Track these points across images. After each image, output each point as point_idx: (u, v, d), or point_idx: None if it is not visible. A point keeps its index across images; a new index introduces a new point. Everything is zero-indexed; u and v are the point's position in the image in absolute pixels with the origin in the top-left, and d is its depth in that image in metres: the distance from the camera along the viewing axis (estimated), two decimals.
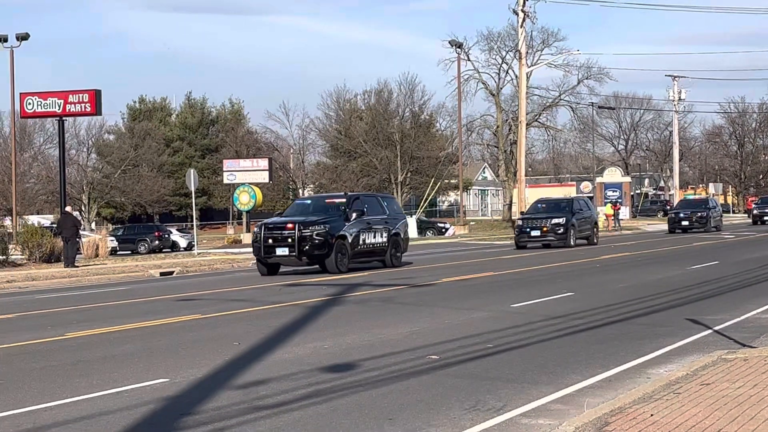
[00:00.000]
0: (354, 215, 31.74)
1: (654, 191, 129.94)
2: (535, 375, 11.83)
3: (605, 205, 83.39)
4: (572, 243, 44.22)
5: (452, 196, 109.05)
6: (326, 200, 34.23)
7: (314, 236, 30.46)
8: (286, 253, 30.63)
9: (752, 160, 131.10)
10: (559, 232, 44.27)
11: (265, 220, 33.08)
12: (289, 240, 30.54)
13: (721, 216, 65.67)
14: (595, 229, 48.07)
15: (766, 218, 75.22)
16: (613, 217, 73.44)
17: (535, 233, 44.46)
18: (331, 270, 30.44)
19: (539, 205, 48.12)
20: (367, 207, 32.89)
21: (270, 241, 30.85)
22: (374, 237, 32.63)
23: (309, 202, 35.21)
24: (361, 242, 31.92)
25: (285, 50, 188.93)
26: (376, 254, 33.06)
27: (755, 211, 78.23)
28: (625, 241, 50.74)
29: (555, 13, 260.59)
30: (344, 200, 32.79)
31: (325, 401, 10.37)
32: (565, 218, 44.60)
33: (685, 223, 61.81)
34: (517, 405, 10.07)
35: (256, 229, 32.41)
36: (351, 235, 31.44)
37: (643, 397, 9.83)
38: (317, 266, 31.25)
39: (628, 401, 9.65)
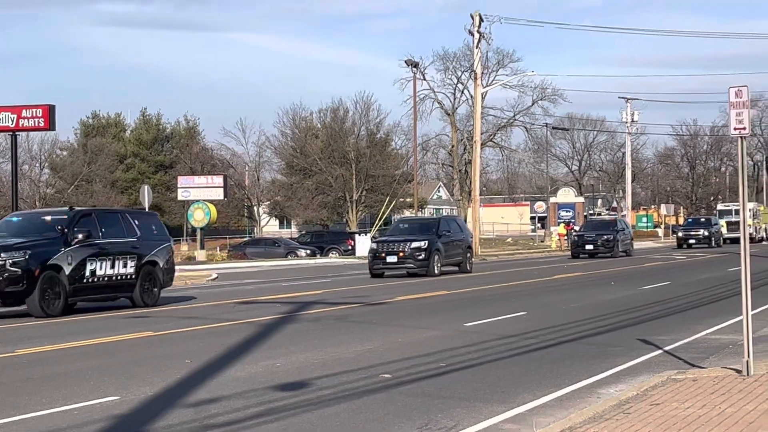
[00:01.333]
0: (78, 237, 23.81)
1: (607, 212, 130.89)
2: (488, 394, 11.87)
3: (558, 225, 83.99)
4: (436, 271, 37.76)
5: (407, 215, 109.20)
6: (42, 217, 25.69)
7: (8, 266, 22.53)
8: None
9: (703, 182, 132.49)
10: (420, 257, 37.59)
11: None
12: None
13: (632, 239, 60.07)
14: (468, 254, 41.03)
15: (692, 241, 71.14)
16: (566, 237, 73.93)
17: (391, 259, 37.84)
18: (34, 313, 22.76)
19: (401, 225, 42.64)
20: (104, 226, 24.99)
21: None
22: (113, 267, 24.79)
23: (17, 219, 26.04)
24: (88, 274, 23.98)
25: (242, 67, 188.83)
26: (118, 289, 25.24)
27: (680, 234, 74.01)
28: (578, 261, 51.04)
29: (510, 35, 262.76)
30: (65, 217, 24.51)
31: (277, 420, 10.34)
32: (427, 241, 37.91)
33: (589, 247, 55.49)
34: (469, 424, 10.10)
35: None
36: (70, 264, 23.55)
37: (594, 417, 9.90)
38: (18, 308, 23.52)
39: (578, 421, 9.72)
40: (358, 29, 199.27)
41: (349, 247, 70.12)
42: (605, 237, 55.49)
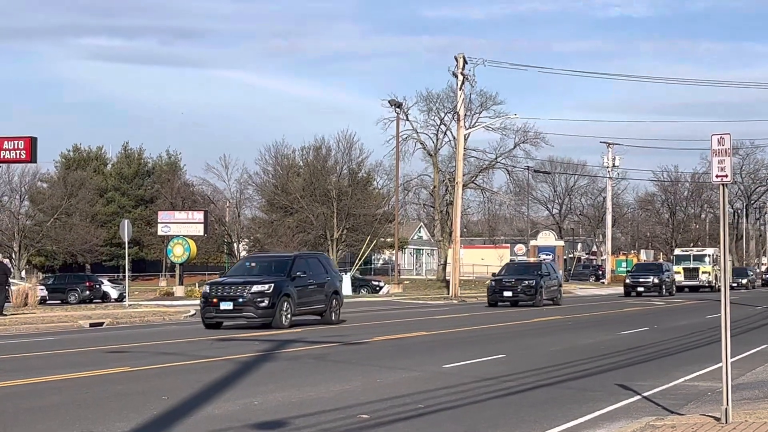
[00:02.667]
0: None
1: (587, 256, 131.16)
2: None
3: None
4: (284, 322, 30.45)
5: (387, 255, 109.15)
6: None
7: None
8: None
9: (683, 228, 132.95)
10: (262, 304, 30.28)
11: None
12: None
13: (560, 285, 53.36)
14: (335, 302, 33.57)
15: (640, 288, 65.58)
16: None
17: (226, 306, 30.39)
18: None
19: (247, 263, 35.05)
20: None
21: None
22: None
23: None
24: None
25: (225, 104, 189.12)
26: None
27: (628, 280, 68.11)
28: (557, 305, 51.05)
29: (494, 77, 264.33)
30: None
31: None
32: (273, 284, 30.67)
33: (507, 293, 48.74)
34: None
35: None
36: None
37: None
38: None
39: None
40: (341, 68, 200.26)
41: None
42: (526, 283, 48.57)
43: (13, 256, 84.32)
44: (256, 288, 30.51)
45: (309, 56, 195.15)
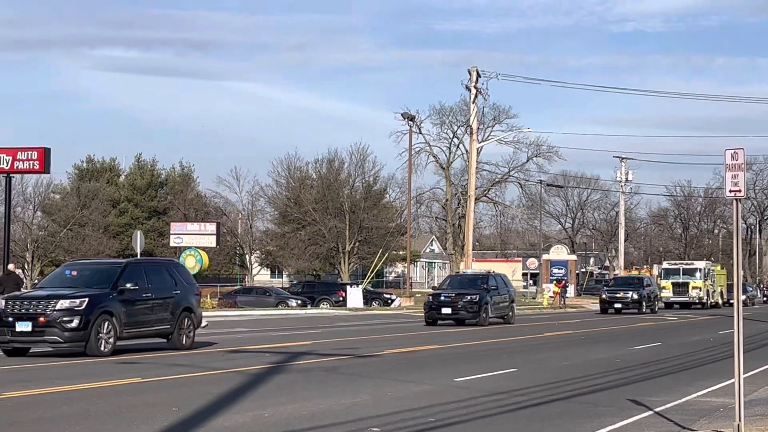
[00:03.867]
0: None
1: (599, 270, 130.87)
2: None
3: (551, 283, 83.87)
4: (103, 348, 24.14)
5: (399, 268, 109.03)
6: None
7: None
8: None
9: (696, 244, 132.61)
10: (70, 325, 23.88)
11: None
12: None
13: (513, 301, 46.45)
14: (186, 321, 27.08)
15: (618, 305, 59.70)
16: (560, 294, 73.94)
17: (23, 326, 24.01)
18: None
19: (67, 271, 27.24)
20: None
21: None
22: None
23: None
24: None
25: (239, 115, 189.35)
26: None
27: (604, 295, 61.82)
28: (570, 319, 50.95)
29: (507, 91, 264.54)
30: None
31: None
32: (86, 299, 24.27)
33: (446, 310, 42.79)
34: None
35: None
36: None
37: None
38: None
39: None
40: (355, 81, 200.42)
41: (341, 299, 69.97)
42: (469, 297, 42.84)
43: (26, 267, 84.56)
44: (63, 303, 23.99)
45: (322, 69, 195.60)
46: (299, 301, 68.47)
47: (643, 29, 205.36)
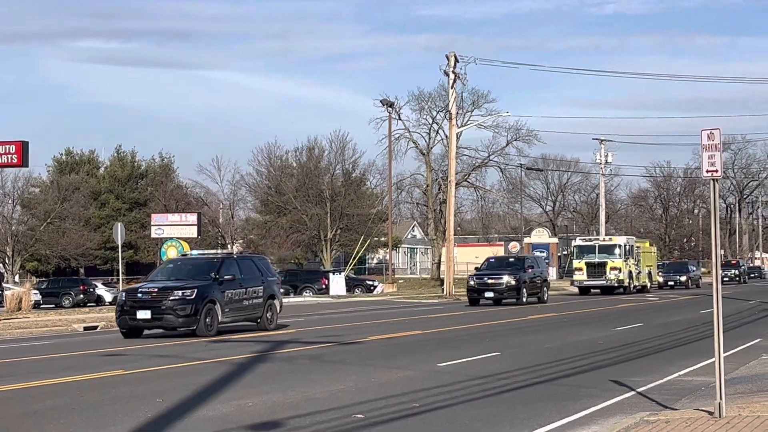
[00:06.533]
0: None
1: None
2: None
3: None
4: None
5: (381, 254, 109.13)
6: None
7: None
8: None
9: (677, 224, 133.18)
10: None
11: None
12: None
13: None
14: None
15: (489, 293, 46.46)
16: None
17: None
18: None
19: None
20: None
21: None
22: None
23: None
24: None
25: (218, 105, 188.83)
26: None
27: (472, 282, 47.61)
28: (552, 302, 51.09)
29: (485, 75, 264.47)
30: None
31: None
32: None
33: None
34: None
35: None
36: None
37: None
38: None
39: None
40: (335, 68, 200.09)
41: (323, 286, 69.98)
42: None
43: (7, 261, 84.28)
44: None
45: (302, 57, 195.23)
46: (282, 290, 68.42)
47: (623, 11, 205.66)
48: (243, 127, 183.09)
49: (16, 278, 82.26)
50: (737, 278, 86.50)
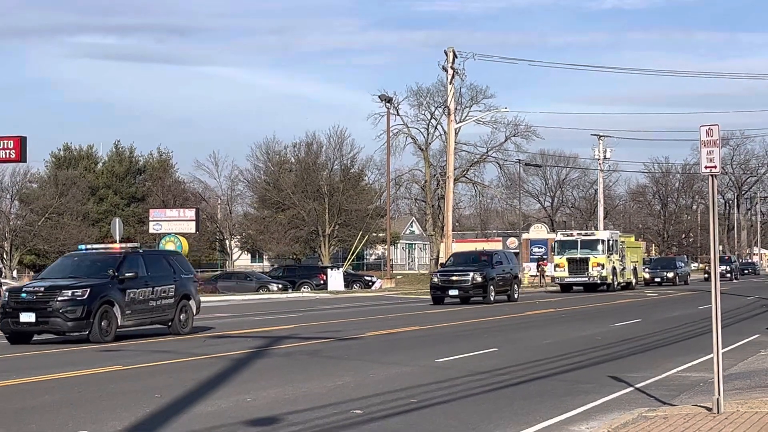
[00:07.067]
0: None
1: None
2: (458, 430, 11.83)
3: (532, 262, 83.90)
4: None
5: (380, 250, 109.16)
6: None
7: None
8: None
9: (675, 220, 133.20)
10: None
11: None
12: None
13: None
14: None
15: (454, 291, 43.50)
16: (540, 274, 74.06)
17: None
18: None
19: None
20: None
21: None
22: None
23: None
24: None
25: (216, 100, 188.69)
26: None
27: (435, 279, 45.05)
28: (550, 298, 51.12)
29: (484, 71, 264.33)
30: None
31: None
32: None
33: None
34: None
35: None
36: None
37: None
38: None
39: None
40: (334, 64, 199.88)
41: (321, 282, 70.00)
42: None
43: (5, 256, 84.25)
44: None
45: (301, 52, 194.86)
46: (280, 285, 68.46)
47: (622, 6, 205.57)
48: (242, 123, 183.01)
49: (14, 273, 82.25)
50: (729, 274, 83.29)
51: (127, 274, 25.59)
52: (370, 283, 73.34)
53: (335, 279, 68.19)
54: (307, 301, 51.32)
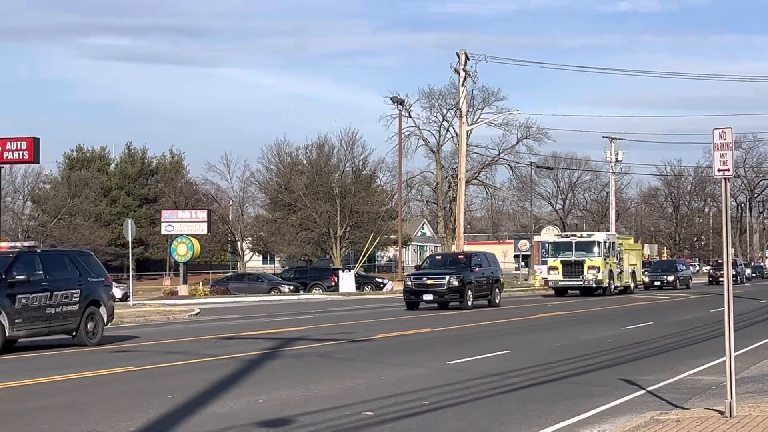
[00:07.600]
0: None
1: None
2: None
3: (543, 264, 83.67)
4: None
5: (391, 252, 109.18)
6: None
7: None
8: None
9: (687, 222, 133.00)
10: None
11: None
12: None
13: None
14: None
15: (428, 296, 40.97)
16: None
17: None
18: None
19: None
20: None
21: None
22: None
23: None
24: None
25: (228, 102, 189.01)
26: None
27: (408, 282, 42.79)
28: (562, 300, 51.03)
29: (496, 73, 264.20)
30: None
31: None
32: None
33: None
34: None
35: None
36: None
37: None
38: None
39: None
40: (346, 66, 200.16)
41: (333, 284, 70.04)
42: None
43: None
44: None
45: (313, 53, 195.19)
46: (291, 287, 68.52)
47: (636, 9, 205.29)
48: (253, 124, 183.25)
49: None
50: (734, 278, 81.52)
51: (18, 277, 22.39)
52: (382, 285, 73.32)
53: (347, 281, 68.21)
54: (319, 303, 51.34)
